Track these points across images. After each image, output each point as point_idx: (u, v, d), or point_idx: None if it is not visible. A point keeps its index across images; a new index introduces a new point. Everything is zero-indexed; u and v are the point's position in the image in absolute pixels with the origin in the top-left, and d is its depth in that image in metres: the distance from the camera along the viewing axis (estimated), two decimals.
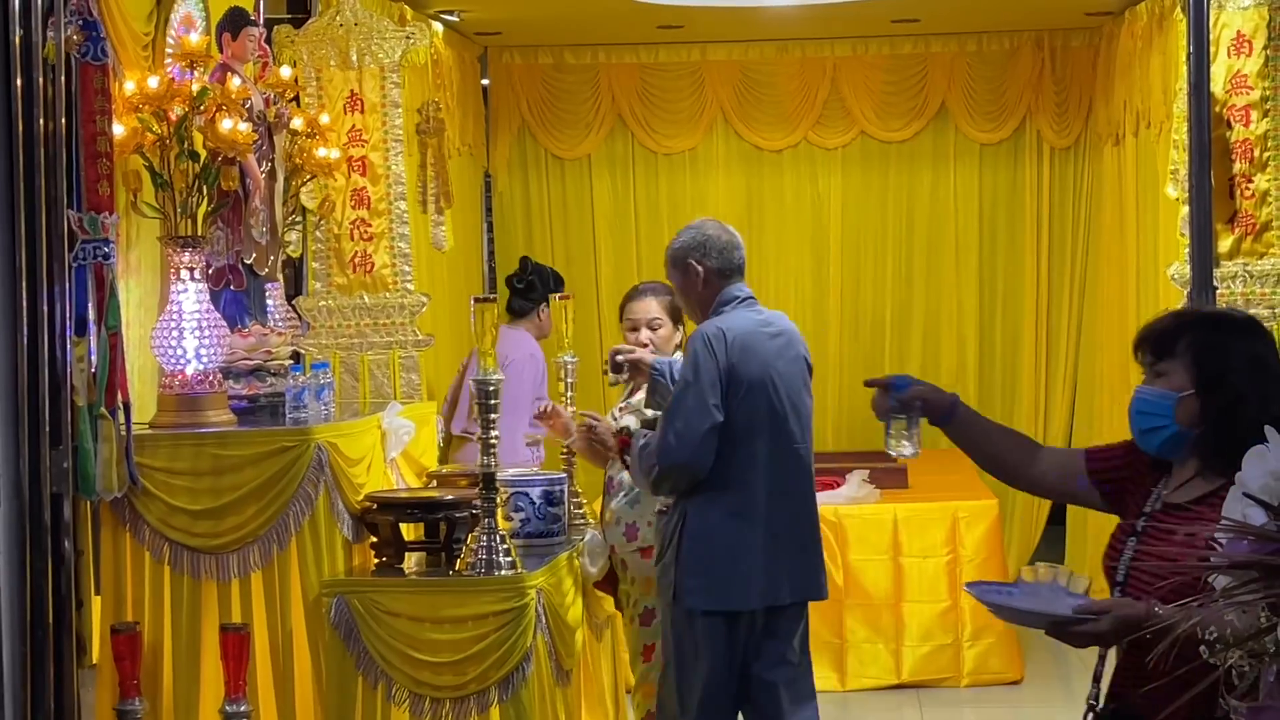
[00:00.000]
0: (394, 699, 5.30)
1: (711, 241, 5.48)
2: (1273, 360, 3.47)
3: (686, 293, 5.55)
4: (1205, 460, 3.43)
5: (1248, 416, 3.35)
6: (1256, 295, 7.00)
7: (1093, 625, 3.17)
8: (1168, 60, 7.53)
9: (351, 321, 7.46)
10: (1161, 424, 3.46)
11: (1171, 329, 3.51)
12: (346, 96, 7.42)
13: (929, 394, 3.85)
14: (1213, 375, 3.42)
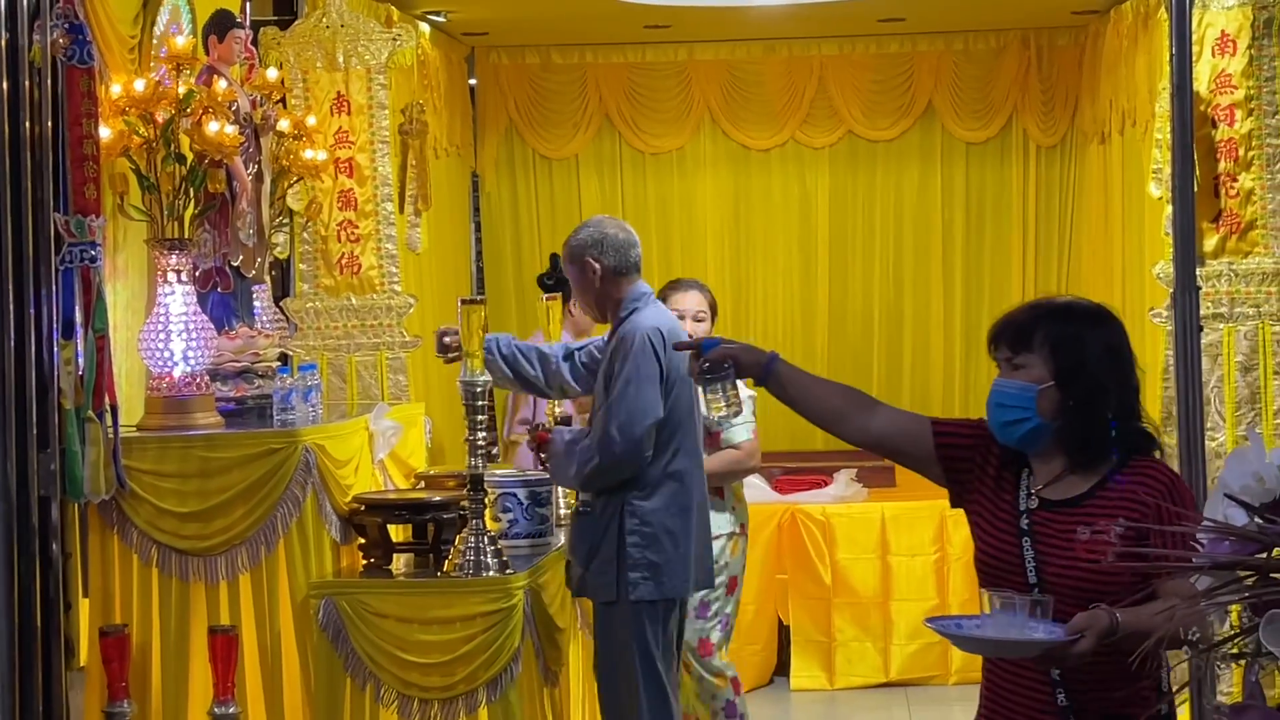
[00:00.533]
0: (382, 700, 5.31)
1: (609, 239, 5.59)
2: (1125, 349, 3.55)
3: (583, 289, 5.63)
4: (1070, 453, 3.48)
5: (1107, 405, 3.46)
6: (1241, 294, 7.02)
7: (1080, 645, 3.19)
8: (1153, 59, 7.55)
9: (339, 323, 7.47)
10: (1023, 416, 3.48)
11: (1027, 322, 3.53)
12: (333, 98, 7.43)
13: (739, 353, 3.77)
14: (1071, 366, 3.45)
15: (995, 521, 3.55)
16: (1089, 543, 3.37)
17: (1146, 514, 3.40)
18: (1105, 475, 3.48)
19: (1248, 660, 2.36)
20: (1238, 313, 7.02)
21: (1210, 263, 7.01)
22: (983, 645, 3.33)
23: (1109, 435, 3.49)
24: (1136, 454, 3.52)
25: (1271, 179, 6.99)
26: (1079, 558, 3.40)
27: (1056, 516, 3.47)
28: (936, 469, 3.68)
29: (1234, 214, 7.02)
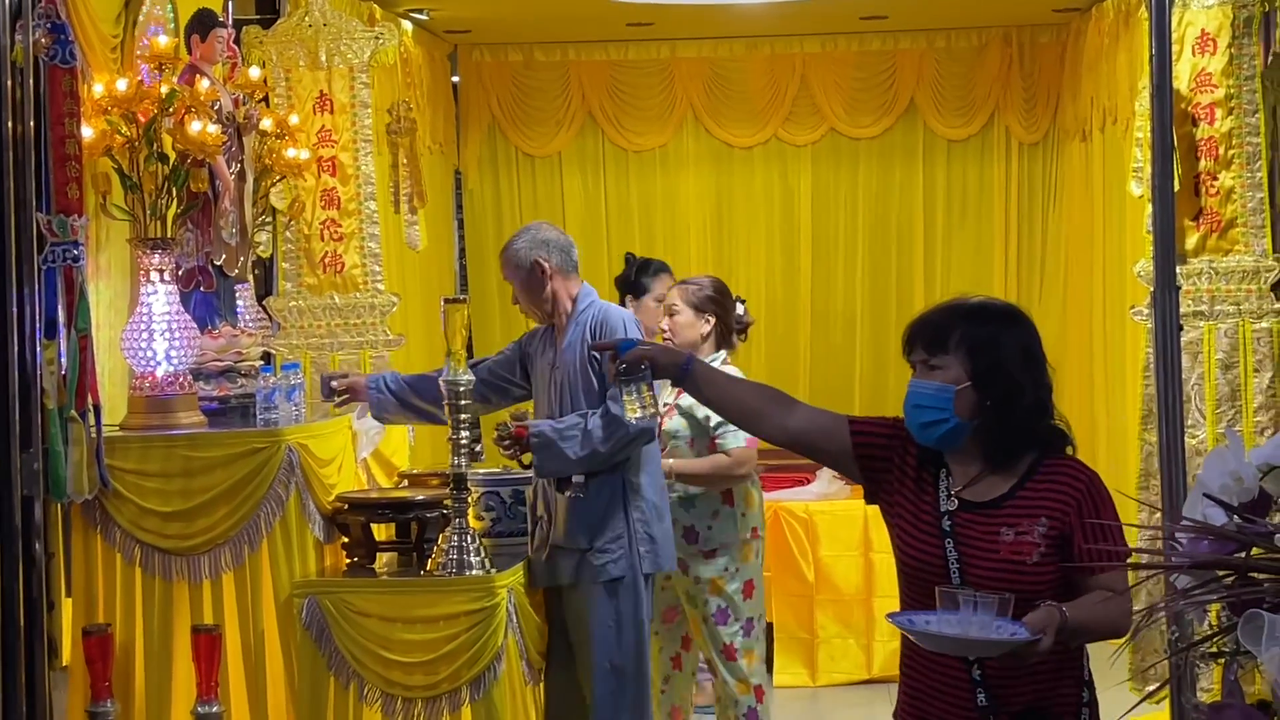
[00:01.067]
0: (366, 699, 5.31)
1: (553, 241, 5.80)
2: (1037, 347, 3.58)
3: (531, 290, 5.75)
4: (988, 453, 3.52)
5: (1023, 404, 3.49)
6: (1221, 292, 7.05)
7: (1045, 642, 3.24)
8: (1133, 57, 7.57)
9: (322, 322, 7.47)
10: (941, 417, 3.51)
11: (943, 324, 3.57)
12: (316, 97, 7.43)
13: (656, 354, 3.80)
14: (988, 367, 3.49)
15: (917, 523, 3.58)
16: (1013, 544, 3.44)
17: (1068, 513, 3.46)
18: (1024, 476, 3.52)
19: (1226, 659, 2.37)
20: (1218, 310, 7.05)
21: (1191, 261, 7.04)
22: (947, 642, 3.34)
23: (1026, 434, 3.53)
24: (1052, 453, 3.55)
25: (1251, 177, 7.02)
26: (1004, 559, 3.45)
27: (978, 518, 3.51)
28: (854, 467, 3.72)
29: (1214, 212, 7.04)
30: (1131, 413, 7.46)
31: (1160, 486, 5.16)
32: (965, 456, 3.57)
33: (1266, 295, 7.05)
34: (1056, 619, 3.26)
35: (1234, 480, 2.42)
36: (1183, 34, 6.96)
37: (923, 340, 3.58)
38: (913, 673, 3.65)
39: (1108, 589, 3.38)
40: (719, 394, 3.86)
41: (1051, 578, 3.42)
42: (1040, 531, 3.44)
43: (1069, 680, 3.53)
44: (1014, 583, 3.37)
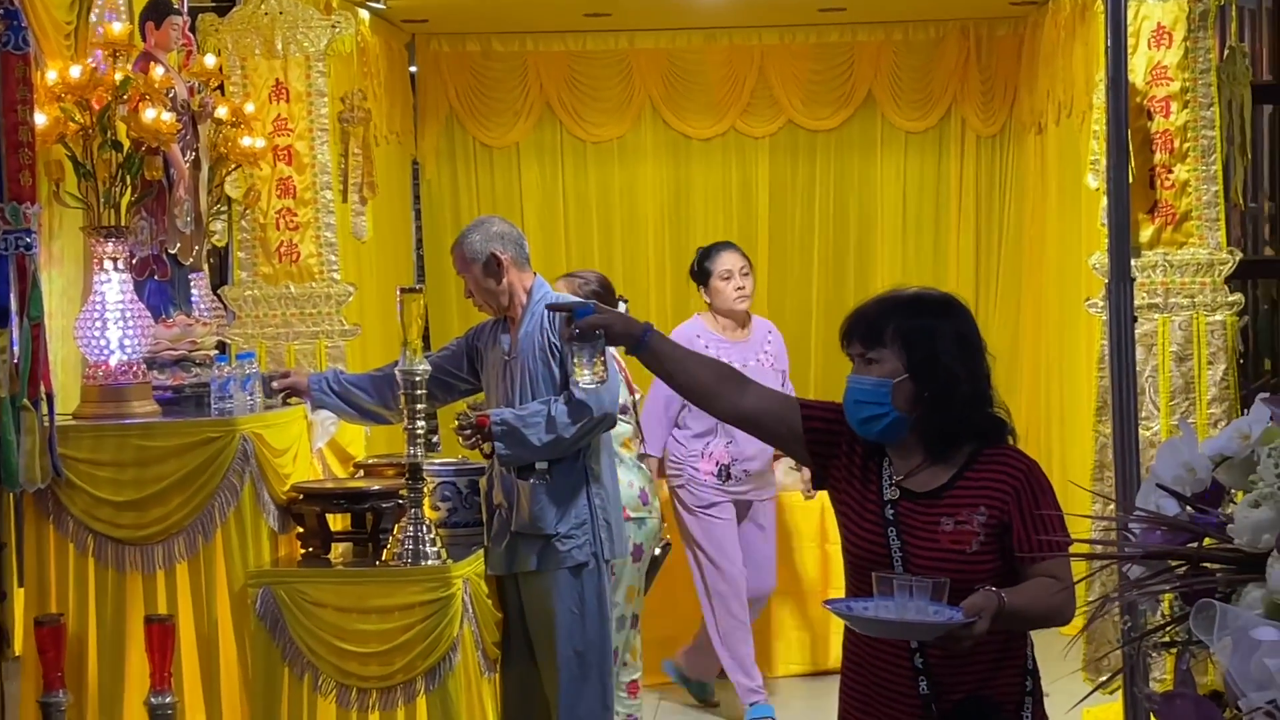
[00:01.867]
0: (320, 690, 5.30)
1: (507, 234, 5.81)
2: (973, 336, 3.60)
3: (488, 282, 5.74)
4: (929, 444, 3.54)
5: (961, 394, 3.51)
6: (1176, 284, 7.08)
7: (980, 625, 3.25)
8: (1089, 50, 7.59)
9: (277, 311, 7.44)
10: (881, 411, 3.53)
11: (878, 317, 3.58)
12: (271, 85, 7.39)
13: (612, 322, 3.75)
14: (924, 358, 3.50)
15: (862, 510, 3.60)
16: (953, 533, 3.46)
17: (1007, 502, 3.48)
18: (963, 465, 3.54)
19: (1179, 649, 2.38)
20: (1172, 303, 7.08)
21: (1145, 254, 7.06)
22: (883, 626, 3.35)
23: (965, 423, 3.54)
24: (991, 442, 3.57)
25: (1206, 171, 7.05)
26: (945, 548, 3.47)
27: (919, 508, 3.53)
28: (803, 451, 3.73)
29: (1169, 205, 7.07)
30: (1086, 404, 7.49)
31: (1114, 478, 5.18)
32: (906, 447, 3.59)
33: (1221, 288, 7.09)
34: (994, 603, 3.26)
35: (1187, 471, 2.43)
36: (1138, 27, 6.99)
37: (858, 334, 3.61)
38: (855, 662, 3.68)
39: (1049, 576, 3.41)
40: (675, 367, 3.82)
41: (991, 566, 3.45)
42: (979, 520, 3.46)
43: (1012, 670, 3.55)
44: (955, 571, 3.39)
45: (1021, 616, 3.37)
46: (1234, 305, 7.11)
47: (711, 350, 7.23)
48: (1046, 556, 3.42)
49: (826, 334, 10.60)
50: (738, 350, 7.36)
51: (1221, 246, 7.08)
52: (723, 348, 7.36)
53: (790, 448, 3.81)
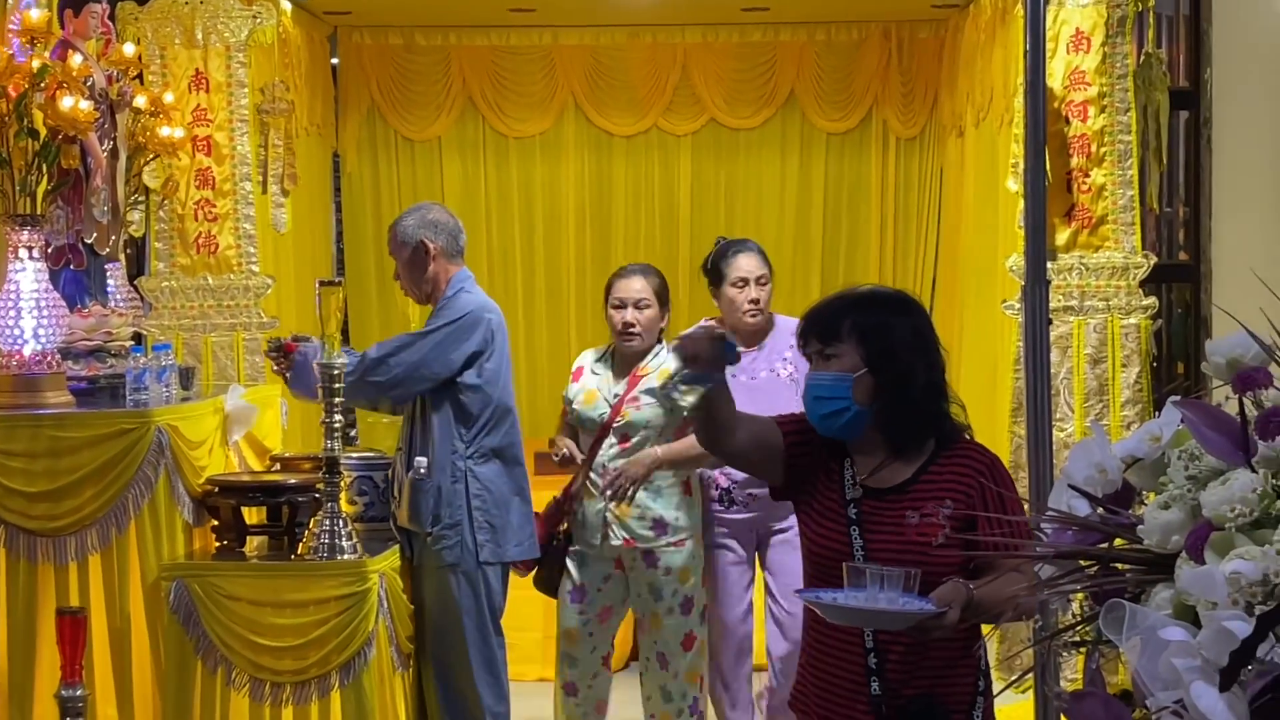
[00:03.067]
0: (234, 684, 5.27)
1: (442, 224, 5.88)
2: (928, 330, 3.67)
3: (414, 269, 5.83)
4: (889, 437, 3.59)
5: (917, 386, 3.56)
6: (1092, 287, 7.15)
7: (951, 615, 3.27)
8: (1009, 54, 7.65)
9: (195, 303, 7.39)
10: (841, 406, 3.57)
11: (834, 313, 3.64)
12: (191, 75, 7.34)
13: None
14: (880, 352, 3.56)
15: (825, 512, 3.63)
16: (919, 527, 3.49)
17: (971, 496, 3.52)
18: (926, 461, 3.59)
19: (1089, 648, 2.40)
20: (1088, 306, 7.15)
21: (1062, 256, 7.12)
22: (854, 615, 3.37)
23: (924, 416, 3.59)
24: (952, 437, 3.62)
25: (1122, 175, 7.11)
26: (910, 542, 3.50)
27: (883, 504, 3.56)
28: (779, 467, 3.72)
29: (1085, 209, 7.14)
30: (1001, 405, 7.54)
31: (1028, 478, 5.22)
32: (867, 445, 3.63)
33: (1135, 292, 7.16)
34: (963, 594, 3.28)
35: (1098, 472, 2.45)
36: (1057, 32, 7.05)
37: (816, 332, 3.64)
38: (810, 662, 3.69)
39: (1016, 570, 3.38)
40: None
41: (958, 560, 3.47)
42: (945, 514, 3.50)
43: (966, 670, 3.58)
44: (920, 565, 3.40)
45: (989, 608, 3.37)
46: (1148, 309, 7.18)
47: None
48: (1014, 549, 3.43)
49: None
50: (746, 361, 6.18)
51: (1136, 250, 7.15)
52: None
53: (766, 468, 3.77)
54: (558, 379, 6.90)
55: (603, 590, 6.07)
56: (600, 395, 6.04)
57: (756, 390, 5.97)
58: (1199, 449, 2.28)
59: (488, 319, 5.74)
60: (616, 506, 5.93)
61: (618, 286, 6.09)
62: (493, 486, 5.72)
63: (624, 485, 5.86)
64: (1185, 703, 1.99)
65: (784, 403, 5.52)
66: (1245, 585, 2.00)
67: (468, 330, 5.68)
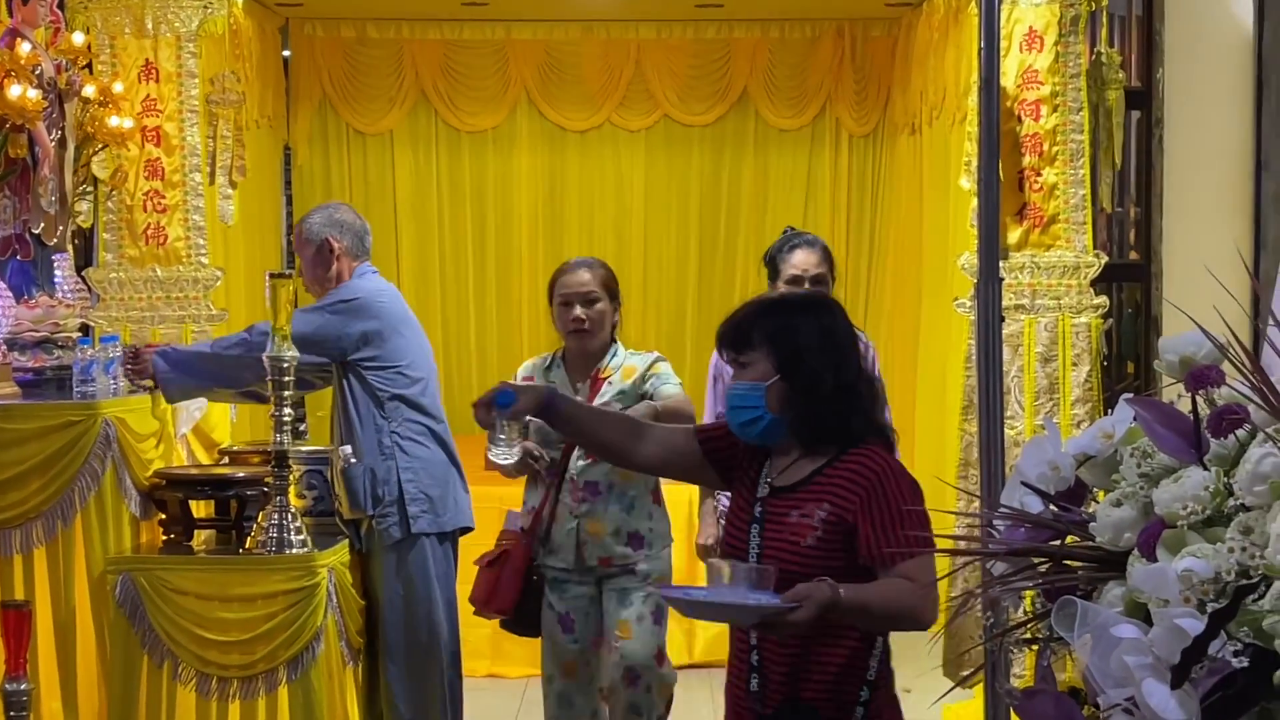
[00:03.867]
0: (180, 678, 5.24)
1: (348, 224, 5.86)
2: (839, 330, 3.67)
3: (318, 267, 5.82)
4: (802, 440, 3.60)
5: (827, 387, 3.56)
6: (1043, 286, 7.17)
7: (799, 614, 3.27)
8: (962, 53, 7.66)
9: (143, 294, 7.34)
10: (756, 414, 3.60)
11: (745, 321, 3.67)
12: (141, 65, 7.28)
13: (530, 406, 3.86)
14: (790, 357, 3.58)
15: (737, 510, 3.67)
16: (794, 525, 3.52)
17: (853, 501, 3.51)
18: (826, 462, 3.58)
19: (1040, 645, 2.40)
20: (1039, 304, 7.17)
21: (1013, 255, 7.14)
22: (703, 609, 3.44)
23: (836, 419, 3.59)
24: (858, 438, 3.61)
25: (1074, 174, 7.13)
26: (785, 540, 3.53)
27: (780, 503, 3.58)
28: (709, 472, 3.81)
29: (1037, 208, 7.16)
30: (952, 403, 7.56)
31: (979, 475, 5.23)
32: (786, 444, 3.64)
33: (1086, 291, 7.18)
34: (824, 594, 3.27)
35: (1051, 469, 2.45)
36: (1010, 31, 7.06)
37: (729, 341, 3.68)
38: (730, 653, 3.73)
39: (906, 578, 3.42)
40: (582, 428, 3.97)
41: (836, 564, 3.46)
42: (820, 516, 3.50)
43: (850, 679, 3.55)
44: (795, 564, 3.44)
45: (864, 613, 3.39)
46: (1099, 308, 7.20)
47: None
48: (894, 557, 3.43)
49: (700, 328, 10.64)
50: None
51: (1088, 250, 7.17)
52: None
53: (702, 477, 3.90)
54: (508, 372, 6.88)
55: (590, 615, 5.62)
56: None
57: None
58: (1151, 446, 2.28)
59: (380, 303, 5.74)
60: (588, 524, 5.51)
61: (562, 283, 5.66)
62: (423, 457, 5.71)
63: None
64: (1136, 700, 1.99)
65: None
66: (1197, 583, 2.00)
67: (357, 311, 5.67)
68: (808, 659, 3.50)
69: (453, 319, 10.64)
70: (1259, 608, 1.98)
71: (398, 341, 5.75)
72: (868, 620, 3.45)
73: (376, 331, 5.67)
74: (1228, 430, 2.16)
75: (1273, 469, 2.06)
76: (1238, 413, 2.16)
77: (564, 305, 5.61)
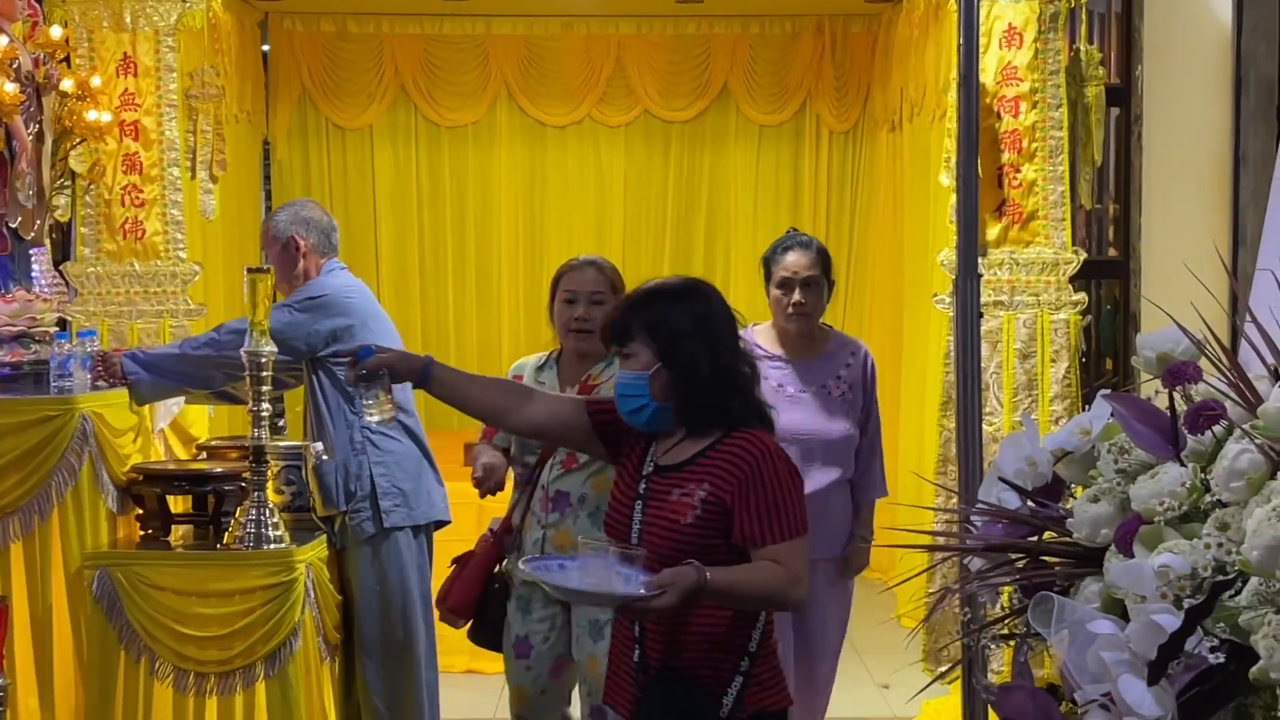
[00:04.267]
0: (157, 673, 5.22)
1: (314, 221, 5.83)
2: (714, 316, 3.77)
3: (284, 265, 5.79)
4: (687, 424, 3.73)
5: (704, 371, 3.68)
6: (1022, 282, 7.18)
7: (662, 600, 3.39)
8: (942, 50, 7.67)
9: (121, 289, 7.32)
10: (642, 403, 3.73)
11: (625, 313, 3.80)
12: (119, 59, 7.25)
13: (394, 361, 4.02)
14: (667, 344, 3.70)
15: (622, 487, 3.80)
16: (674, 504, 3.62)
17: (730, 483, 3.61)
18: (709, 444, 3.69)
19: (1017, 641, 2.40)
20: (1018, 301, 7.18)
21: (992, 252, 7.15)
22: (568, 592, 3.54)
23: (716, 400, 3.70)
24: (740, 421, 3.71)
25: (1053, 171, 7.14)
26: (664, 519, 3.63)
27: (663, 481, 3.69)
28: (599, 444, 3.92)
29: (1016, 204, 7.16)
30: (931, 399, 7.57)
31: (957, 471, 5.23)
32: (672, 432, 3.78)
33: (1065, 287, 7.19)
34: (688, 579, 3.41)
35: (1028, 465, 2.45)
36: (990, 27, 7.07)
37: (613, 334, 3.80)
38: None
39: (772, 560, 3.55)
40: (461, 394, 4.05)
41: (714, 544, 3.58)
42: (700, 496, 3.61)
43: (730, 650, 3.65)
44: (673, 544, 3.57)
45: (730, 594, 3.52)
46: (1078, 304, 7.21)
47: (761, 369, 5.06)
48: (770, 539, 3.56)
49: None
50: (798, 372, 5.53)
51: (1066, 246, 7.18)
52: (776, 368, 5.57)
53: (588, 446, 3.99)
54: (487, 368, 6.88)
55: (550, 640, 5.17)
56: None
57: (800, 406, 5.44)
58: (1128, 442, 2.28)
59: (348, 299, 5.73)
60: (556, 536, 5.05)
61: (569, 279, 5.29)
62: (395, 451, 5.68)
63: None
64: (1113, 695, 1.99)
65: (832, 422, 5.39)
66: (1173, 579, 2.00)
67: (325, 308, 5.65)
68: (687, 630, 3.61)
69: (432, 314, 10.63)
70: (1235, 604, 1.98)
71: (366, 337, 5.73)
72: (734, 602, 3.57)
73: (345, 328, 5.66)
74: (1204, 426, 2.16)
75: (1249, 465, 2.06)
76: (1215, 409, 2.17)
77: (568, 302, 5.24)
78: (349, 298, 5.72)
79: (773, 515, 3.56)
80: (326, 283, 5.74)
